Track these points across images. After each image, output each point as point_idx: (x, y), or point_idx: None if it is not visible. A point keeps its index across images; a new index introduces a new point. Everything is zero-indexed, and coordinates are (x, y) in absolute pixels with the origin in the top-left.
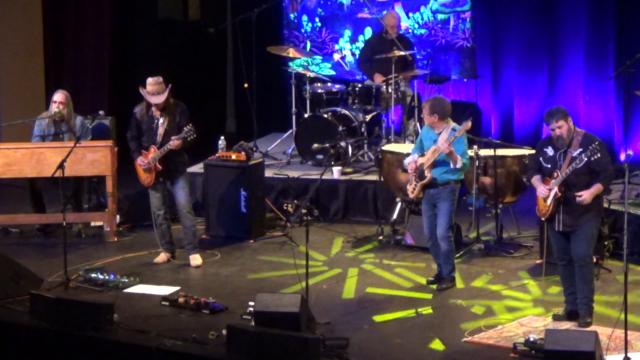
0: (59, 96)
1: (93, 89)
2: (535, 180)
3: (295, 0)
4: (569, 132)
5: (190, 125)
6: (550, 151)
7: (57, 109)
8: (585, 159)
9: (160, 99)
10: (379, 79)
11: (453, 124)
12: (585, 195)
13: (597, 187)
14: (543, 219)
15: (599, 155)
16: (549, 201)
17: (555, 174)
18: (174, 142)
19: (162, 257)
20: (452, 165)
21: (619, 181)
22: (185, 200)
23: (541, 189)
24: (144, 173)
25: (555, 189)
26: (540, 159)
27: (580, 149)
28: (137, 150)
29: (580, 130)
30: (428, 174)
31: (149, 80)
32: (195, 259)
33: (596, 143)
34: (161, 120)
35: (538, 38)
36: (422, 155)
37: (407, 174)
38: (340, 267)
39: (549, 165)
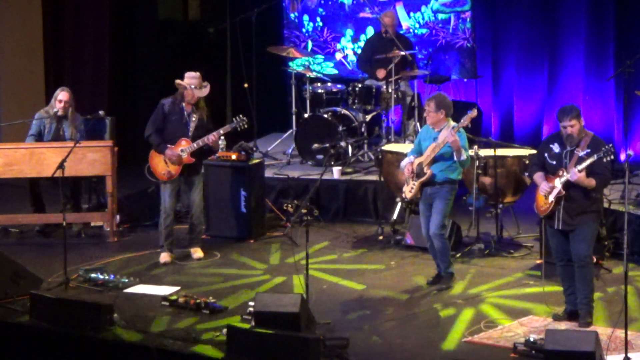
0: (64, 95)
1: (93, 89)
2: (538, 177)
3: (295, 0)
4: (579, 132)
5: (242, 115)
6: (556, 148)
7: (61, 107)
8: (597, 157)
9: (205, 92)
10: (381, 73)
11: (453, 123)
12: (581, 175)
13: (590, 180)
14: (541, 215)
15: (611, 158)
16: (550, 198)
17: (561, 172)
18: (214, 137)
19: (166, 256)
20: (456, 157)
21: (619, 181)
22: (201, 199)
23: (544, 186)
24: (168, 166)
25: (560, 187)
26: (546, 155)
27: (588, 150)
28: (162, 143)
29: (590, 132)
30: (427, 171)
31: (191, 74)
32: (197, 252)
33: (610, 145)
34: (192, 115)
35: (538, 38)
36: (420, 156)
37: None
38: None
39: (554, 162)
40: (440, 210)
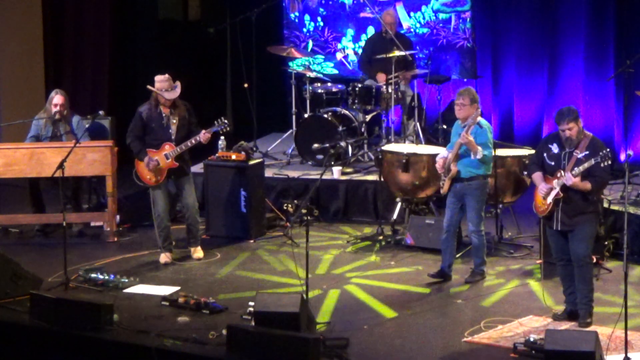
0: (59, 98)
1: (93, 89)
2: (537, 177)
3: (296, 0)
4: (578, 134)
5: (223, 118)
6: (555, 148)
7: (57, 110)
8: (594, 162)
9: (174, 94)
10: (382, 77)
11: (479, 119)
12: (576, 179)
13: (585, 183)
14: (540, 216)
15: (608, 163)
16: (549, 199)
17: (559, 174)
18: (205, 136)
19: (166, 257)
20: (472, 156)
21: (619, 181)
22: (194, 199)
23: (542, 187)
24: (152, 171)
25: (558, 189)
26: (544, 155)
27: (587, 152)
28: (142, 150)
29: (589, 134)
30: (453, 168)
31: (159, 77)
32: (197, 252)
33: (607, 150)
34: (172, 118)
35: (538, 38)
36: None
37: (408, 174)
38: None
39: (553, 163)
40: (473, 208)
